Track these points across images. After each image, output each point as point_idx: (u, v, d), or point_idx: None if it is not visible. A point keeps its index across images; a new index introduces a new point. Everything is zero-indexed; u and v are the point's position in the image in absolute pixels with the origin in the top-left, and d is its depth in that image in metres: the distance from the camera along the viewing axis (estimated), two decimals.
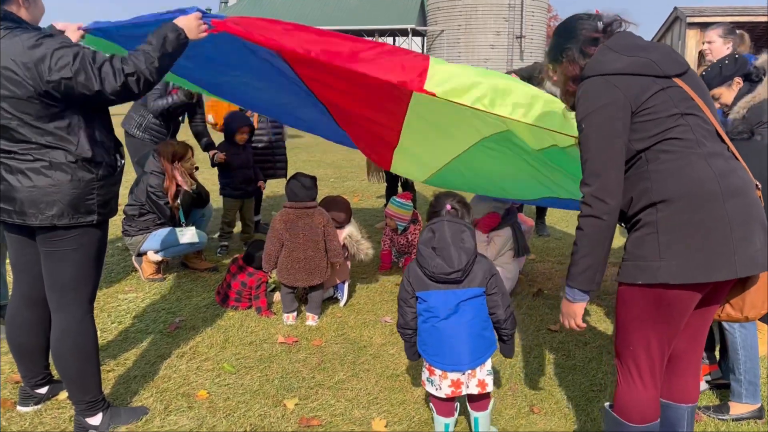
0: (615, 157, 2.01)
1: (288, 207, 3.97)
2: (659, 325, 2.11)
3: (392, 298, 4.53)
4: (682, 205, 1.97)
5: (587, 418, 2.97)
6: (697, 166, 1.98)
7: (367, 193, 8.48)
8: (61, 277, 2.61)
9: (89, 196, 2.52)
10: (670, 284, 1.99)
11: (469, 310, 2.50)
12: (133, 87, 2.42)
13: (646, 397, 2.20)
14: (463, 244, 2.48)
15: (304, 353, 3.62)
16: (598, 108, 2.02)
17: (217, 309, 4.21)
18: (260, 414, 2.96)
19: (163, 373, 3.32)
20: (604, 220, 2.00)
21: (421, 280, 2.53)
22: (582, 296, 2.11)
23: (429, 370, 2.59)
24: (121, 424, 2.81)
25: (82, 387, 2.71)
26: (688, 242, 1.96)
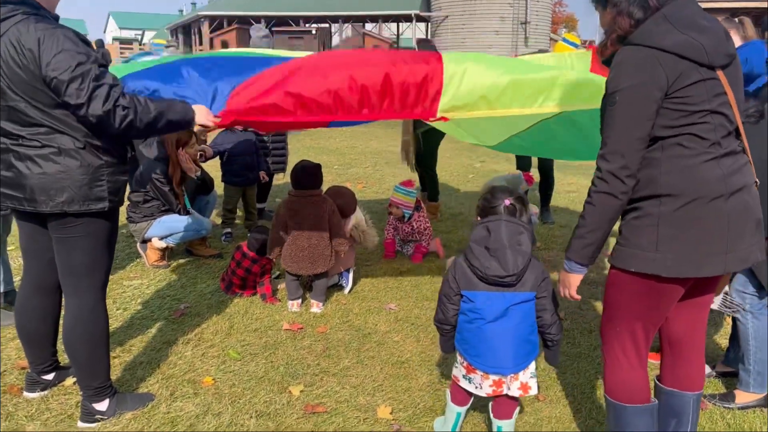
0: (643, 138, 1.97)
1: (293, 195, 3.96)
2: (646, 310, 2.16)
3: (397, 285, 4.53)
4: (687, 203, 1.97)
5: (592, 405, 2.98)
6: (708, 167, 1.98)
7: (371, 180, 8.46)
8: (74, 264, 2.61)
9: (99, 183, 2.51)
10: (662, 276, 2.03)
11: (517, 314, 2.38)
12: (115, 120, 2.37)
13: (633, 377, 2.24)
14: (520, 247, 2.34)
15: (309, 340, 3.62)
16: (637, 84, 1.93)
17: (222, 296, 4.21)
18: (266, 400, 2.97)
19: (169, 360, 3.33)
20: (618, 199, 2.00)
21: (468, 279, 2.40)
22: (580, 268, 2.15)
23: (468, 368, 2.48)
24: (128, 410, 2.82)
25: (91, 373, 2.72)
26: (686, 238, 1.99)
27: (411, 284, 4.56)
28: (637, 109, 1.94)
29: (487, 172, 9.20)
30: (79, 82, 2.31)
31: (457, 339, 2.52)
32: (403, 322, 3.90)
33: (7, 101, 2.39)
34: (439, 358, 3.43)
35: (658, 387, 2.41)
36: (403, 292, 4.40)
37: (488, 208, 2.50)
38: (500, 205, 2.46)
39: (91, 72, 2.33)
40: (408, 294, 4.37)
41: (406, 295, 4.36)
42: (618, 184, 1.98)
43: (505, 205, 2.45)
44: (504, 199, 2.47)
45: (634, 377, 2.24)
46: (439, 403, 2.99)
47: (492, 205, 2.49)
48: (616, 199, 2.00)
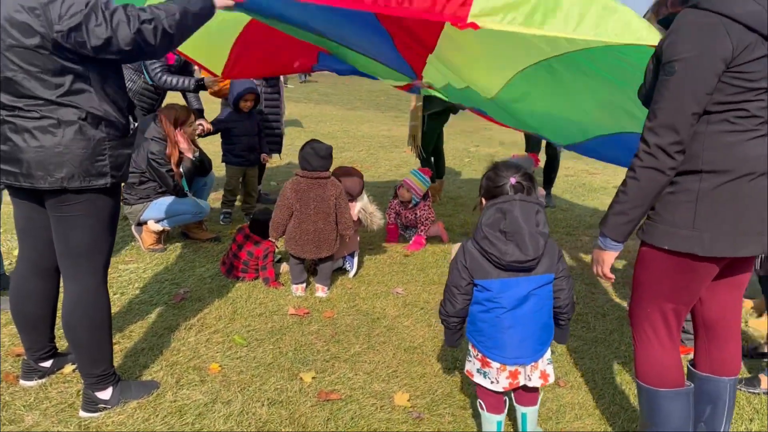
0: (699, 114, 1.85)
1: (300, 176, 3.80)
2: (678, 290, 2.07)
3: (402, 269, 4.41)
4: (728, 180, 1.88)
5: (615, 390, 2.89)
6: (753, 145, 1.87)
7: (366, 164, 8.32)
8: (74, 245, 2.44)
9: (100, 157, 2.34)
10: (697, 255, 1.94)
11: (538, 299, 2.21)
12: (149, 37, 2.22)
13: (665, 359, 2.15)
14: (538, 228, 2.15)
15: (317, 325, 3.49)
16: (701, 53, 1.79)
17: (223, 280, 4.06)
18: (276, 388, 2.84)
19: (172, 346, 3.18)
20: (666, 175, 1.89)
21: (481, 266, 2.19)
22: (615, 245, 2.05)
23: (482, 361, 2.28)
24: (132, 399, 2.68)
25: (93, 360, 2.57)
26: (724, 216, 1.90)
27: (416, 268, 4.44)
28: (697, 82, 1.80)
29: (483, 156, 9.09)
30: (95, 18, 2.13)
31: (469, 331, 2.33)
32: (411, 306, 3.79)
33: (3, 72, 2.21)
34: None
35: (692, 372, 2.32)
36: (409, 276, 4.28)
37: (493, 188, 2.27)
38: (506, 185, 2.23)
39: (97, 3, 2.16)
40: (414, 278, 4.25)
41: (413, 279, 4.24)
42: (667, 159, 1.86)
43: (510, 183, 2.23)
44: (510, 177, 2.23)
45: (667, 360, 2.15)
46: (457, 390, 2.88)
47: (497, 185, 2.25)
48: (663, 175, 1.89)
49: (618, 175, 8.05)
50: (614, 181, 7.61)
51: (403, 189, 4.91)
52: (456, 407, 2.75)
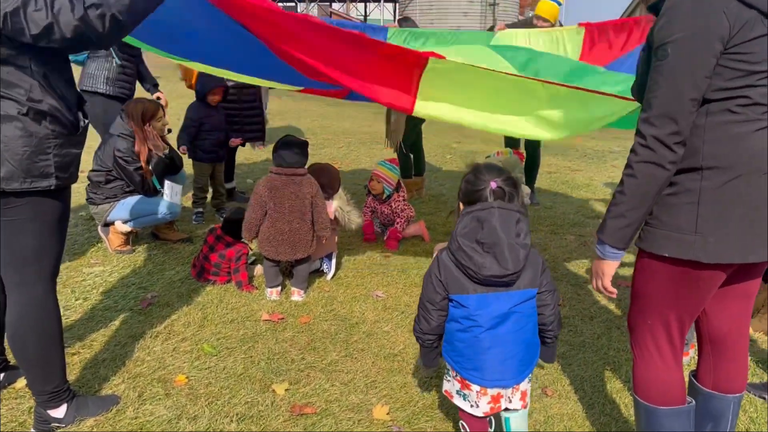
0: (697, 100, 1.67)
1: (274, 173, 3.61)
2: (682, 300, 1.88)
3: (382, 270, 4.24)
4: (733, 177, 1.70)
5: (605, 400, 2.74)
6: (759, 136, 1.70)
7: (346, 160, 8.13)
8: (19, 251, 2.22)
9: (44, 156, 2.12)
10: (701, 262, 1.76)
11: (519, 316, 2.02)
12: (96, 24, 1.97)
13: (667, 376, 1.97)
14: (519, 239, 1.97)
15: (292, 331, 3.31)
16: (695, 33, 1.63)
17: (193, 284, 3.86)
18: (247, 401, 2.65)
19: (136, 356, 2.98)
20: (666, 170, 1.71)
21: (457, 280, 2.02)
22: (615, 254, 1.85)
23: (461, 383, 2.11)
24: (89, 416, 2.47)
25: (44, 375, 2.36)
26: (730, 218, 1.72)
27: (397, 269, 4.27)
28: (693, 63, 1.64)
29: (464, 152, 8.95)
30: (34, 3, 1.89)
31: (446, 350, 2.15)
32: (392, 310, 3.61)
33: None
34: None
35: (694, 387, 2.16)
36: (390, 278, 4.11)
37: (472, 192, 2.08)
38: (485, 189, 2.04)
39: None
40: (395, 280, 4.08)
41: (393, 281, 4.06)
42: (666, 152, 1.69)
43: (491, 188, 2.04)
44: (490, 181, 2.04)
45: (668, 377, 1.97)
46: (438, 401, 2.71)
47: (476, 189, 2.07)
48: (663, 170, 1.71)
49: (602, 171, 7.95)
50: (598, 178, 7.50)
51: (373, 181, 4.76)
52: (437, 420, 2.59)
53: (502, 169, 2.12)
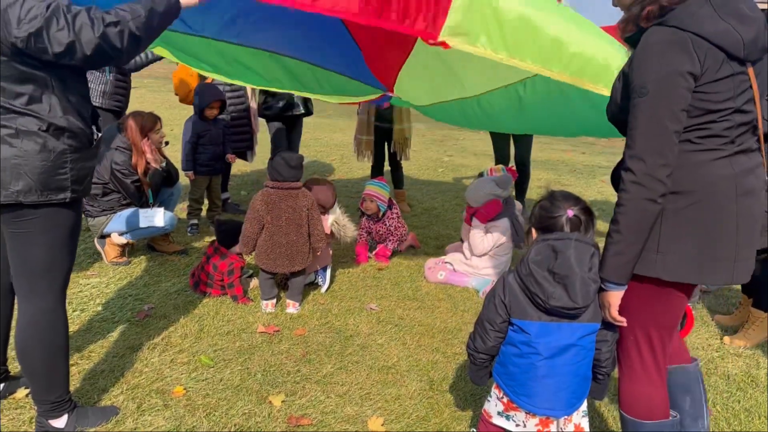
0: (679, 132, 1.76)
1: (270, 187, 3.67)
2: (659, 315, 1.99)
3: (376, 284, 4.30)
4: (695, 201, 1.81)
5: (594, 413, 2.81)
6: (720, 165, 1.81)
7: (339, 173, 8.20)
8: (31, 263, 2.28)
9: (61, 170, 2.19)
10: (663, 279, 1.86)
11: (579, 349, 1.99)
12: (115, 41, 2.06)
13: (652, 390, 2.06)
14: (591, 273, 1.93)
15: (287, 344, 3.36)
16: (672, 70, 1.72)
17: (190, 296, 3.90)
18: (244, 413, 2.70)
19: (134, 367, 3.02)
20: (658, 204, 1.78)
21: (521, 305, 2.00)
22: (617, 287, 1.91)
23: (507, 405, 2.10)
24: (89, 427, 2.52)
25: (48, 385, 2.41)
26: (691, 239, 1.82)
27: (391, 282, 4.34)
28: (672, 99, 1.73)
29: (456, 166, 9.05)
30: (56, 22, 1.98)
31: (498, 371, 2.12)
32: (386, 323, 3.68)
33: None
34: (428, 362, 3.22)
35: None
36: (384, 291, 4.17)
37: (546, 218, 2.06)
38: (562, 216, 2.03)
39: (59, 6, 2.00)
40: (389, 293, 4.14)
41: (387, 294, 4.13)
42: (657, 186, 1.76)
43: (567, 216, 2.03)
44: (567, 209, 2.04)
45: (653, 391, 2.05)
46: (432, 413, 2.78)
47: (552, 216, 2.05)
48: (655, 204, 1.78)
49: (591, 186, 8.06)
50: (587, 193, 7.61)
51: (366, 202, 4.80)
52: (432, 431, 2.65)
53: (578, 198, 2.12)
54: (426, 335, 3.54)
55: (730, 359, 3.38)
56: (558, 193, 2.11)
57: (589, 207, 2.10)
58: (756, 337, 3.52)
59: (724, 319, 3.86)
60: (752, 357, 3.41)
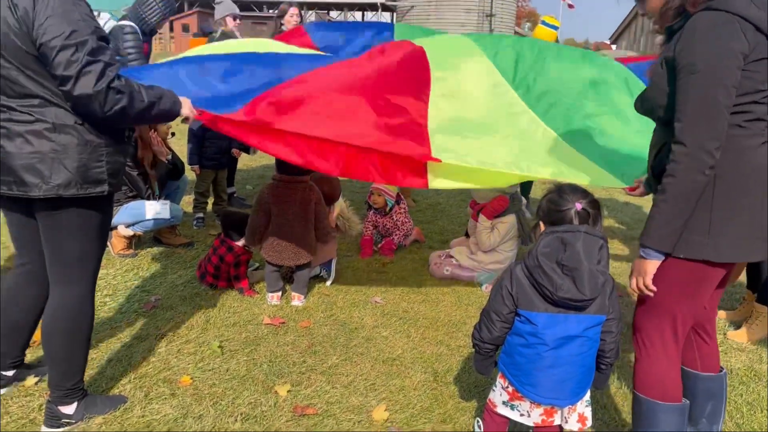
0: (728, 105, 1.82)
1: (278, 179, 3.70)
2: (688, 298, 2.07)
3: (380, 277, 4.33)
4: (742, 185, 1.90)
5: (597, 405, 2.83)
6: (761, 151, 1.90)
7: None
8: (65, 253, 2.35)
9: (98, 163, 2.25)
10: (711, 261, 1.95)
11: (585, 341, 2.02)
12: (105, 104, 2.11)
13: (669, 372, 2.14)
14: (599, 266, 1.96)
15: (293, 335, 3.39)
16: (723, 48, 1.79)
17: (196, 288, 3.94)
18: (250, 402, 2.73)
19: (141, 357, 3.06)
20: (706, 176, 1.85)
21: (528, 296, 2.02)
22: (659, 255, 1.98)
23: (513, 395, 2.13)
24: (97, 414, 2.56)
25: (67, 372, 2.48)
26: (737, 223, 1.91)
27: (396, 276, 4.36)
28: (725, 74, 1.79)
29: None
30: (72, 51, 2.04)
31: (504, 361, 2.15)
32: (390, 316, 3.70)
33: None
34: (432, 354, 3.25)
35: (688, 374, 2.31)
36: (388, 285, 4.20)
37: (555, 212, 2.07)
38: (570, 209, 2.04)
39: (87, 44, 2.07)
40: (393, 286, 4.17)
41: (391, 287, 4.15)
42: (707, 158, 1.82)
43: (576, 209, 2.04)
44: (575, 202, 2.05)
45: (670, 373, 2.14)
46: (436, 403, 2.80)
47: (560, 209, 2.06)
48: (704, 176, 1.85)
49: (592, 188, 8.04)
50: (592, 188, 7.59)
51: (374, 195, 4.82)
52: (436, 422, 2.68)
53: (586, 191, 2.13)
54: (430, 328, 3.57)
55: (733, 354, 3.40)
56: (566, 187, 2.13)
57: (597, 200, 2.12)
58: (759, 332, 3.53)
59: (728, 315, 3.87)
60: (755, 352, 3.43)
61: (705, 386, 2.32)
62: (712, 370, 2.32)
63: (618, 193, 7.33)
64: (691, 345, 2.32)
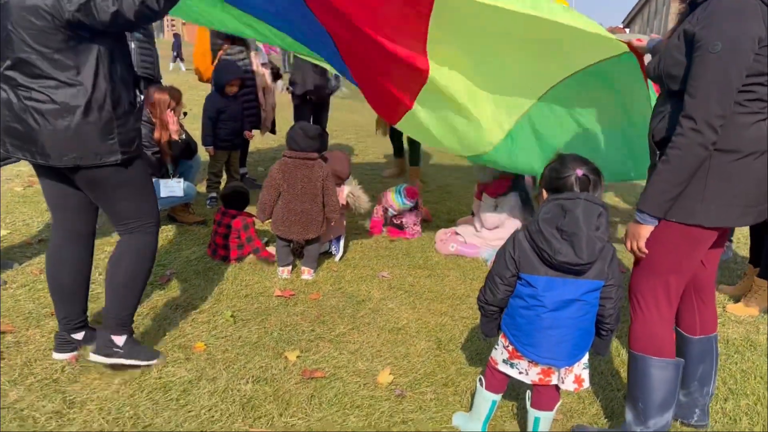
0: (738, 87, 1.94)
1: (288, 156, 3.82)
2: (682, 261, 2.19)
3: (387, 253, 4.44)
4: (738, 158, 2.01)
5: (594, 371, 2.93)
6: (759, 126, 2.01)
7: (354, 150, 8.33)
8: (118, 212, 2.65)
9: (110, 137, 2.43)
10: (704, 226, 2.07)
11: (583, 305, 2.10)
12: (152, 4, 2.28)
13: (662, 330, 2.27)
14: (597, 232, 2.02)
15: (302, 306, 3.52)
16: (743, 32, 1.88)
17: (209, 262, 4.07)
18: (261, 366, 2.87)
19: (157, 325, 3.20)
20: (708, 150, 1.97)
21: (529, 260, 2.10)
22: (652, 220, 2.11)
23: (512, 354, 2.23)
24: (140, 359, 2.77)
25: (123, 303, 2.73)
26: (731, 189, 2.03)
27: (402, 252, 4.48)
28: (740, 58, 1.89)
29: None
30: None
31: (506, 322, 2.25)
32: (396, 289, 3.82)
33: (17, 53, 2.30)
34: (436, 325, 3.36)
35: (685, 339, 2.43)
36: (395, 261, 4.31)
37: (556, 179, 2.14)
38: (571, 176, 2.10)
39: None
40: (400, 262, 4.28)
41: (399, 263, 4.27)
42: (712, 135, 1.94)
43: (577, 176, 2.10)
44: (576, 169, 2.11)
45: (663, 330, 2.27)
46: (439, 369, 2.92)
47: (561, 176, 2.12)
48: (706, 151, 1.97)
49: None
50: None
51: (380, 196, 4.85)
52: (438, 385, 2.79)
53: (586, 159, 2.19)
54: (435, 301, 3.68)
55: (731, 326, 3.49)
56: (568, 156, 2.20)
57: (598, 168, 2.18)
58: (758, 305, 3.61)
59: (728, 289, 3.95)
60: (752, 324, 3.51)
61: (696, 348, 2.42)
62: (708, 333, 2.44)
63: None
64: (692, 310, 2.43)
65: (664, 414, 2.26)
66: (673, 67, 2.05)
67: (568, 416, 2.62)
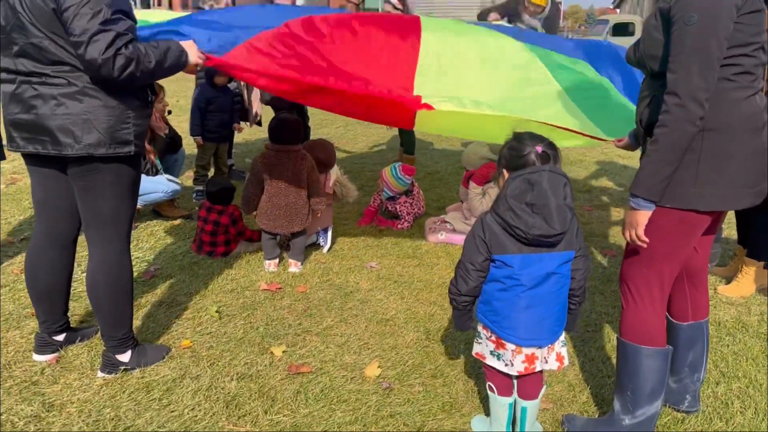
0: (720, 60, 1.86)
1: (270, 149, 3.75)
2: (675, 247, 2.13)
3: (376, 243, 4.39)
4: (729, 137, 1.95)
5: (585, 358, 2.90)
6: (751, 101, 1.95)
7: (343, 140, 8.25)
8: (99, 214, 2.52)
9: (125, 125, 2.40)
10: (698, 210, 2.01)
11: (559, 278, 2.09)
12: (117, 68, 2.22)
13: (653, 319, 2.22)
14: (566, 201, 2.01)
15: (289, 300, 3.47)
16: (720, 3, 1.81)
17: (194, 257, 4.01)
18: (246, 362, 2.82)
19: (142, 323, 3.15)
20: (696, 126, 1.89)
21: (501, 241, 2.06)
22: (649, 205, 2.03)
23: (496, 343, 2.17)
24: (149, 362, 2.76)
25: (115, 323, 2.66)
26: (725, 172, 1.96)
27: (391, 242, 4.42)
28: (719, 26, 1.82)
29: None
30: (87, 18, 2.16)
31: (482, 311, 2.20)
32: (385, 279, 3.77)
33: (29, 38, 2.26)
34: (425, 315, 3.32)
35: (675, 326, 2.40)
36: (384, 250, 4.26)
37: (517, 158, 2.11)
38: (531, 153, 2.07)
39: (102, 13, 2.18)
40: (389, 252, 4.23)
41: (387, 253, 4.22)
42: (697, 109, 1.86)
43: (537, 152, 2.07)
44: (535, 146, 2.08)
45: (654, 319, 2.22)
46: (427, 360, 2.88)
47: (522, 154, 2.09)
48: (694, 126, 1.89)
49: (594, 148, 8.04)
50: (590, 154, 7.60)
51: (379, 180, 4.79)
52: (426, 377, 2.75)
53: (543, 136, 2.17)
54: (424, 290, 3.63)
55: (722, 307, 3.46)
56: (524, 134, 2.17)
57: (554, 143, 2.15)
58: (747, 286, 3.58)
59: (719, 270, 3.92)
60: (744, 305, 3.48)
61: (686, 335, 2.39)
62: (698, 319, 2.40)
63: (617, 157, 7.33)
64: (684, 297, 2.38)
65: (654, 403, 2.23)
66: (652, 47, 2.00)
67: (558, 405, 2.58)
